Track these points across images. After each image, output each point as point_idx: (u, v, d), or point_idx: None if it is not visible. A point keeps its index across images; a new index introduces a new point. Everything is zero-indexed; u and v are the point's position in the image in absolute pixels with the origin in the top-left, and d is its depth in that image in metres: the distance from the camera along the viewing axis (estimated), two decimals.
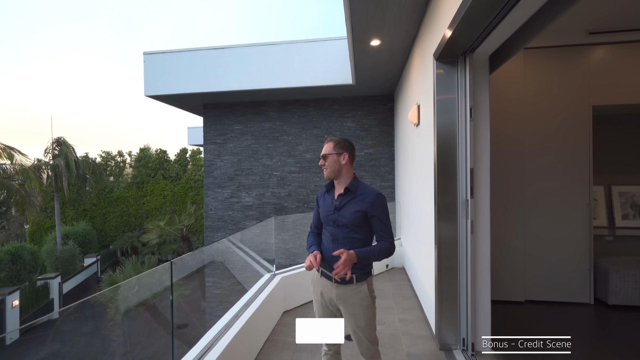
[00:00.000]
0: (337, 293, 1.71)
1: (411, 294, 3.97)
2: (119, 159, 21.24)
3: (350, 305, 1.69)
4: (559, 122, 3.59)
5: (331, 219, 1.74)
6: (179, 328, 6.13)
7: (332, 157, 1.74)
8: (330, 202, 1.77)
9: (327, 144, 1.78)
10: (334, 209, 1.74)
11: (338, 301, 1.72)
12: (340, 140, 1.77)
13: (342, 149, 1.75)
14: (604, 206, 3.94)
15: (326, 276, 1.75)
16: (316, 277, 1.84)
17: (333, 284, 1.72)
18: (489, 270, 2.52)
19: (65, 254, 13.83)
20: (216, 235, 7.58)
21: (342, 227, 1.71)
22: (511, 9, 1.76)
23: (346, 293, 1.69)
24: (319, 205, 1.87)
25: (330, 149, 1.75)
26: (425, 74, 3.15)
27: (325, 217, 1.78)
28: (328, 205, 1.78)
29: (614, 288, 3.43)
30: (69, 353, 7.41)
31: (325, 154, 1.76)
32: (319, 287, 1.81)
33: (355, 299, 1.69)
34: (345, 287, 1.69)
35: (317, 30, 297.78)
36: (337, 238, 1.71)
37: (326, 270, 1.74)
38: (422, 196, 3.41)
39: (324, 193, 1.86)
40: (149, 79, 6.77)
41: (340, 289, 1.70)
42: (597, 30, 3.30)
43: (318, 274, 1.81)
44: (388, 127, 6.97)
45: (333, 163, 1.74)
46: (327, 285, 1.75)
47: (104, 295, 5.89)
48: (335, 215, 1.72)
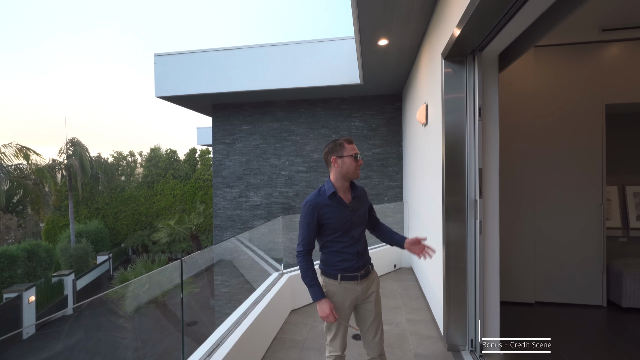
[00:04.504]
0: (361, 288, 1.75)
1: (419, 294, 3.95)
2: (130, 159, 21.65)
3: (372, 294, 1.79)
4: (571, 121, 3.53)
5: (350, 223, 1.71)
6: (188, 325, 6.22)
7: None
8: (343, 208, 1.70)
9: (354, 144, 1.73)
10: (351, 212, 1.71)
11: (362, 295, 1.75)
12: None
13: None
14: (618, 206, 3.85)
15: (349, 278, 1.72)
16: (334, 287, 1.72)
17: (357, 282, 1.73)
18: (498, 271, 2.50)
19: (79, 251, 14.17)
20: (225, 234, 7.66)
21: (359, 227, 1.76)
22: (521, 7, 1.74)
23: (368, 283, 1.78)
24: (322, 219, 1.67)
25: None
26: (433, 74, 3.13)
27: (344, 224, 1.69)
28: (343, 212, 1.69)
29: (627, 290, 3.35)
30: (83, 347, 7.60)
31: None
32: (340, 295, 1.72)
33: (374, 285, 1.81)
34: (366, 278, 1.77)
35: (325, 30, 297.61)
36: (357, 239, 1.74)
37: (349, 272, 1.71)
38: (430, 196, 3.40)
39: (326, 203, 1.67)
40: (160, 81, 6.89)
41: (363, 283, 1.76)
42: (611, 27, 3.23)
43: (336, 282, 1.71)
44: (396, 126, 6.93)
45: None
46: (350, 287, 1.72)
47: (116, 292, 6.02)
48: (354, 217, 1.72)
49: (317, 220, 1.67)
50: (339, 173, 1.70)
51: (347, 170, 1.68)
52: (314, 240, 1.72)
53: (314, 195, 1.70)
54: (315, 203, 1.67)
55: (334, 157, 1.69)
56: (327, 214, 1.67)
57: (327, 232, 1.70)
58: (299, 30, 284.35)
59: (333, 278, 1.72)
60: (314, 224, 1.67)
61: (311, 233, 1.68)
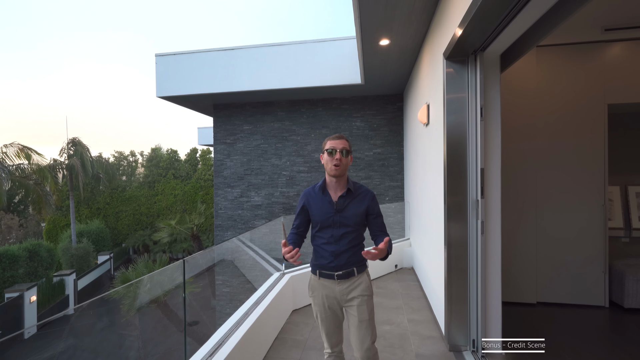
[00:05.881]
0: (340, 289, 1.73)
1: (420, 295, 3.95)
2: (131, 159, 21.70)
3: (355, 298, 1.73)
4: (573, 121, 3.52)
5: (331, 220, 1.71)
6: (190, 325, 6.23)
7: (348, 155, 1.73)
8: (328, 205, 1.72)
9: (343, 141, 1.71)
10: (335, 211, 1.71)
11: (342, 297, 1.73)
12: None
13: (350, 149, 1.76)
14: (620, 207, 3.84)
15: (326, 276, 1.74)
16: (315, 282, 1.79)
17: (335, 281, 1.73)
18: (499, 271, 2.49)
19: (80, 251, 14.19)
20: (226, 234, 7.67)
21: (343, 227, 1.72)
22: (523, 7, 1.73)
23: (350, 286, 1.73)
24: (308, 208, 1.77)
25: (347, 147, 1.72)
26: (435, 73, 3.13)
27: (324, 220, 1.72)
28: (326, 208, 1.72)
29: (630, 291, 3.34)
30: (85, 347, 7.62)
31: (347, 149, 1.71)
32: (320, 291, 1.76)
33: (358, 290, 1.73)
34: (348, 280, 1.73)
35: (326, 30, 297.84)
36: (337, 238, 1.72)
37: (325, 270, 1.73)
38: (432, 196, 3.39)
39: (315, 195, 1.76)
40: (161, 81, 6.90)
41: (344, 284, 1.73)
42: (613, 27, 3.22)
43: (316, 277, 1.77)
44: (397, 126, 6.93)
45: (346, 162, 1.72)
46: (329, 285, 1.74)
47: (117, 292, 6.03)
48: (337, 217, 1.71)
49: (303, 207, 1.79)
50: (325, 171, 1.76)
51: (325, 167, 1.73)
52: (303, 225, 1.81)
53: (311, 187, 1.83)
54: (306, 193, 1.81)
55: (321, 154, 1.78)
56: (312, 205, 1.76)
57: (312, 225, 1.80)
58: (300, 30, 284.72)
59: (314, 273, 1.80)
60: (302, 210, 1.79)
61: (299, 217, 1.80)
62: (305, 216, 1.80)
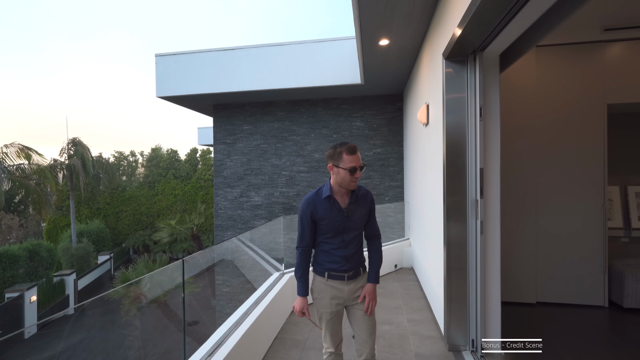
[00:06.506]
0: (348, 289, 1.76)
1: (420, 295, 3.95)
2: (131, 159, 21.72)
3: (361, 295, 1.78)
4: (572, 121, 3.52)
5: (341, 227, 1.71)
6: (189, 325, 6.24)
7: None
8: (337, 212, 1.70)
9: (358, 154, 1.65)
10: (345, 217, 1.71)
11: (349, 296, 1.76)
12: None
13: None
14: (620, 207, 3.84)
15: (336, 277, 1.75)
16: (321, 284, 1.77)
17: (344, 282, 1.75)
18: (499, 271, 2.50)
19: (80, 251, 14.21)
20: (226, 234, 7.67)
21: (352, 232, 1.74)
22: (522, 7, 1.73)
23: (356, 284, 1.78)
24: (317, 218, 1.70)
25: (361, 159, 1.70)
26: (434, 73, 3.13)
27: (335, 227, 1.70)
28: (336, 216, 1.69)
29: (629, 291, 3.34)
30: (85, 347, 7.62)
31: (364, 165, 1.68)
32: (327, 292, 1.76)
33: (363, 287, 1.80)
34: (356, 279, 1.78)
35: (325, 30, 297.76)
36: (347, 243, 1.74)
37: (336, 272, 1.74)
38: (431, 196, 3.39)
39: (320, 204, 1.69)
40: (161, 81, 6.90)
41: (351, 284, 1.76)
42: (612, 27, 3.22)
43: (322, 279, 1.77)
44: (397, 126, 6.93)
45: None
46: (338, 285, 1.75)
47: (117, 292, 6.04)
48: (348, 222, 1.71)
49: (312, 219, 1.71)
50: (335, 180, 1.69)
51: (341, 181, 1.65)
52: (311, 238, 1.74)
53: (312, 194, 1.73)
54: (312, 202, 1.70)
55: (331, 164, 1.67)
56: (321, 214, 1.69)
57: (319, 232, 1.74)
58: (299, 30, 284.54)
59: (321, 275, 1.79)
60: (309, 221, 1.71)
61: (307, 230, 1.72)
62: (315, 227, 1.73)
